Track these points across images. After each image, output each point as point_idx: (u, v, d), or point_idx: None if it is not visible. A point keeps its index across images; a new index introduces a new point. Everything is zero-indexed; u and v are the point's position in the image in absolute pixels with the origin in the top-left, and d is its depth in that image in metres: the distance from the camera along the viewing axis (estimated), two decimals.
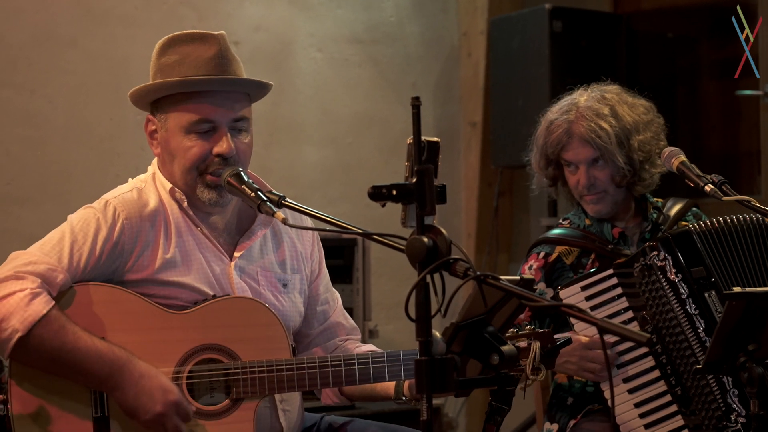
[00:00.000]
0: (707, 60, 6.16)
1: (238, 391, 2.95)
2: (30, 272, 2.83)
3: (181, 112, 3.00)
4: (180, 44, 3.03)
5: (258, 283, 3.10)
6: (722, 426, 3.30)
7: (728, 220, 3.42)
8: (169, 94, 3.01)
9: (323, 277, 3.27)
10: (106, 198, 3.01)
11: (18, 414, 2.86)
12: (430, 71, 6.18)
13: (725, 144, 6.09)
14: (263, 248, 3.14)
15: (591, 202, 3.59)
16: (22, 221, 4.93)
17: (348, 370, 2.99)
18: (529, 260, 3.63)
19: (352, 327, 3.30)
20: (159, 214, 3.02)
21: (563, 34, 5.54)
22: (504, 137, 5.79)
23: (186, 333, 2.95)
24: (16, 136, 4.99)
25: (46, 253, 2.89)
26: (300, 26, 5.74)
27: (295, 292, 3.17)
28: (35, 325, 2.79)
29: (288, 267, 3.17)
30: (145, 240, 2.98)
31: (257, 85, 3.09)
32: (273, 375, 2.95)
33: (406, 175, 2.32)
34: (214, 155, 2.99)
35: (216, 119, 2.99)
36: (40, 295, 2.82)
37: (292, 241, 3.20)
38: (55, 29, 5.08)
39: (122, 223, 2.96)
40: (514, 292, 2.29)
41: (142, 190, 3.05)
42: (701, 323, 3.33)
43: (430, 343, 2.24)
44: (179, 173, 3.02)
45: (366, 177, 5.78)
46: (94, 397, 2.88)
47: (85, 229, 2.94)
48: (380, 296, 5.62)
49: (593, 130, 3.52)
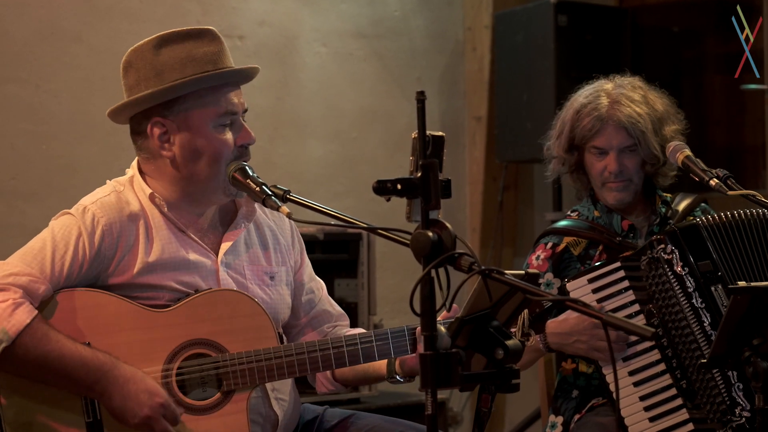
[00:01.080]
0: (712, 54, 6.16)
1: (229, 383, 2.95)
2: (11, 284, 2.84)
3: (206, 107, 2.98)
4: (175, 41, 3.00)
5: (245, 277, 3.10)
6: (726, 420, 3.30)
7: (735, 215, 3.42)
8: (189, 92, 2.98)
9: (306, 266, 3.27)
10: (84, 203, 3.00)
11: (11, 427, 2.86)
12: (435, 66, 6.18)
13: (730, 138, 6.09)
14: (248, 242, 3.14)
15: (615, 190, 3.56)
16: (27, 216, 4.93)
17: (336, 352, 2.99)
18: (536, 251, 3.62)
19: (340, 313, 3.30)
20: (138, 219, 3.01)
21: (568, 29, 5.54)
22: (509, 131, 5.79)
23: (171, 330, 2.95)
24: (21, 130, 4.99)
25: (28, 263, 2.88)
26: (304, 21, 5.74)
27: (282, 284, 3.17)
28: (20, 335, 2.80)
29: (273, 259, 3.17)
30: (125, 244, 2.97)
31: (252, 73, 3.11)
32: (262, 364, 2.96)
33: (411, 170, 2.32)
34: (239, 146, 3.01)
35: (237, 110, 3.02)
36: (22, 305, 2.82)
37: (274, 234, 3.20)
38: (59, 24, 5.08)
39: (102, 229, 2.95)
40: (518, 287, 2.29)
41: (121, 193, 3.04)
42: (707, 317, 3.33)
43: (435, 337, 2.24)
44: (206, 171, 3.00)
45: (371, 171, 5.78)
46: (86, 402, 2.89)
47: (66, 237, 2.93)
48: (385, 290, 5.62)
49: (631, 116, 3.49)
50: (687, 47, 6.21)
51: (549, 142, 3.71)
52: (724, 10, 5.75)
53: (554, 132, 3.66)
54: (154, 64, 2.98)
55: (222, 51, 3.03)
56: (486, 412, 3.08)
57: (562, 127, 3.61)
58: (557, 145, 3.63)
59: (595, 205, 3.64)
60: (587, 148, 3.56)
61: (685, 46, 6.22)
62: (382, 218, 5.13)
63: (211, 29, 3.04)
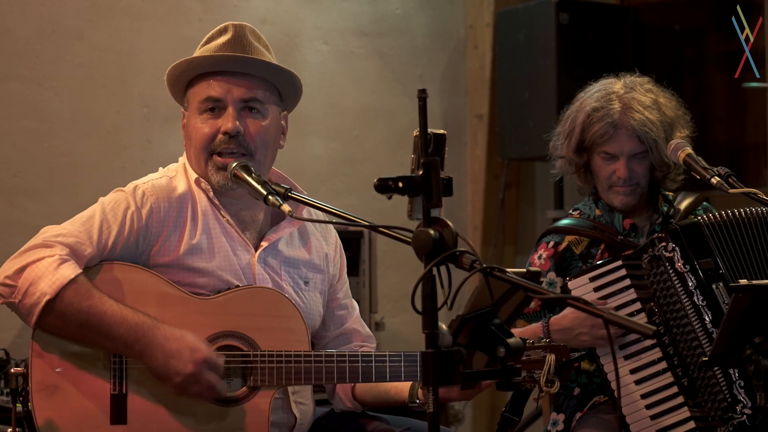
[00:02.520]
0: (714, 52, 6.15)
1: (255, 379, 2.96)
2: (59, 242, 2.89)
3: (194, 94, 3.08)
4: (209, 40, 3.12)
5: (280, 277, 3.12)
6: (728, 417, 3.30)
7: (736, 213, 3.42)
8: (189, 80, 3.09)
9: (344, 282, 3.31)
10: (136, 183, 3.07)
11: (37, 387, 2.88)
12: (437, 64, 6.18)
13: (732, 136, 6.09)
14: (289, 244, 3.17)
15: (622, 194, 3.56)
16: (29, 213, 4.93)
17: (365, 366, 3.00)
18: (538, 249, 3.62)
19: (368, 335, 3.31)
20: (186, 201, 3.06)
21: (570, 27, 5.53)
22: (510, 129, 5.79)
23: (207, 318, 2.97)
24: (23, 128, 4.99)
25: (76, 228, 2.94)
26: (306, 19, 5.74)
27: (316, 291, 3.19)
28: (63, 288, 2.83)
29: (311, 266, 3.19)
30: (172, 225, 3.02)
31: (266, 67, 3.10)
32: (291, 366, 2.96)
33: (413, 168, 2.32)
34: (221, 133, 3.04)
35: (222, 97, 3.04)
36: (68, 261, 2.86)
37: (319, 242, 3.24)
38: (61, 22, 5.08)
39: (150, 206, 3.01)
40: (520, 285, 2.29)
41: (172, 178, 3.11)
42: (708, 315, 3.33)
43: (437, 335, 2.24)
44: (194, 157, 3.09)
45: (372, 169, 5.78)
46: (114, 375, 2.91)
47: (115, 209, 2.99)
48: (386, 288, 5.62)
49: (644, 123, 3.48)
50: (688, 45, 6.21)
51: (555, 140, 3.69)
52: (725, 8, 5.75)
53: (562, 131, 3.64)
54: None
55: (231, 42, 3.07)
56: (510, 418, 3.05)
57: (572, 129, 3.59)
58: (566, 146, 3.61)
59: (597, 204, 3.64)
60: (597, 152, 3.55)
61: (687, 44, 6.21)
62: (383, 216, 5.13)
63: (236, 24, 3.12)
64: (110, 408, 2.90)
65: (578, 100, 3.62)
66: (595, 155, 3.56)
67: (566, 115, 3.65)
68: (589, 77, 3.71)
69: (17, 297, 2.85)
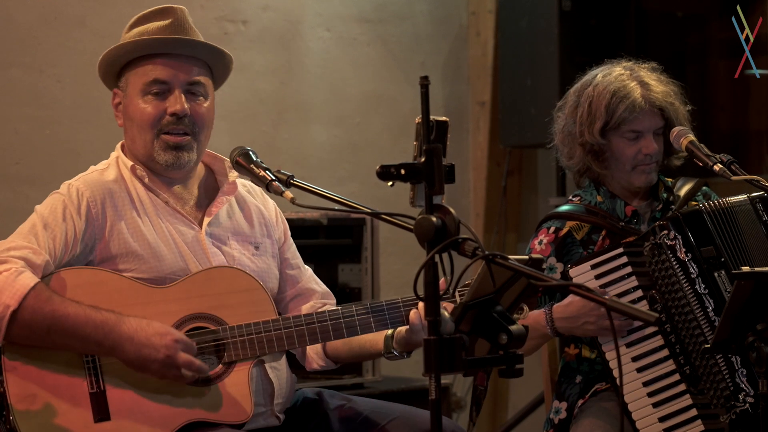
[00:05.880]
0: (716, 39, 6.13)
1: (230, 355, 2.99)
2: (11, 256, 2.91)
3: (138, 75, 3.11)
4: (144, 21, 3.15)
5: (231, 246, 3.14)
6: (730, 405, 3.30)
7: (738, 200, 3.41)
8: (128, 61, 3.13)
9: (290, 244, 3.33)
10: (69, 182, 3.11)
11: (16, 399, 2.89)
12: (439, 51, 6.17)
13: (734, 123, 6.07)
14: (230, 214, 3.20)
15: (647, 171, 3.54)
16: (31, 200, 4.88)
17: (334, 323, 3.03)
18: (539, 235, 3.60)
19: (326, 291, 3.33)
20: (122, 189, 3.09)
21: (572, 13, 5.52)
22: (513, 117, 5.78)
23: (171, 305, 3.00)
24: (25, 115, 4.99)
25: (24, 239, 2.96)
26: (308, 5, 5.73)
27: (268, 255, 3.22)
28: (25, 297, 2.85)
29: (257, 231, 3.22)
30: (113, 215, 3.05)
31: (210, 50, 3.16)
32: (261, 336, 3.00)
33: (415, 155, 2.32)
34: (168, 114, 3.08)
35: (169, 80, 3.09)
36: (24, 272, 2.88)
37: (258, 208, 3.27)
38: (63, 9, 5.08)
39: (87, 201, 3.04)
40: (522, 272, 2.29)
41: (103, 170, 3.15)
42: (710, 302, 3.33)
43: (439, 322, 2.24)
44: (138, 137, 3.11)
45: (374, 156, 5.77)
46: (89, 374, 2.92)
47: (54, 213, 3.02)
48: (389, 276, 5.62)
49: (667, 95, 3.51)
50: (691, 32, 6.19)
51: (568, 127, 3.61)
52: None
53: (580, 120, 3.55)
54: (122, 39, 3.16)
55: (172, 26, 3.11)
56: (483, 390, 3.09)
57: (594, 113, 3.52)
58: (588, 133, 3.52)
59: (598, 190, 3.62)
60: (621, 133, 3.52)
61: (690, 31, 6.19)
62: (385, 203, 5.12)
63: (174, 7, 3.17)
64: (92, 407, 2.92)
65: (588, 86, 3.55)
66: (617, 137, 3.53)
67: (578, 103, 3.55)
68: (592, 64, 3.69)
69: None
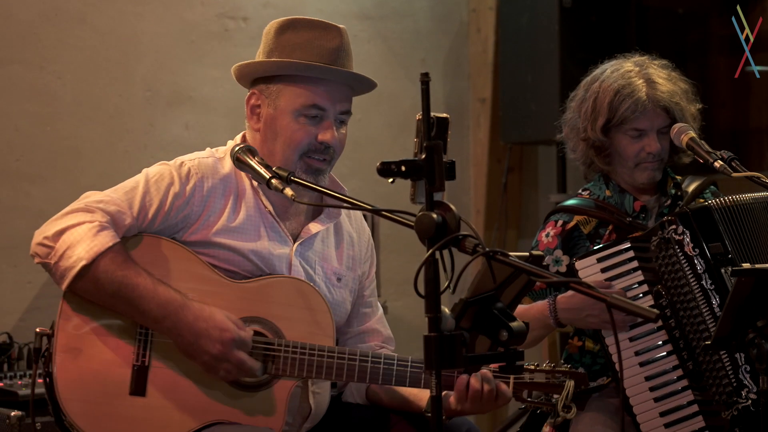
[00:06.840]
0: (717, 36, 6.13)
1: (276, 368, 2.97)
2: (100, 209, 2.90)
3: (296, 94, 3.07)
4: (301, 28, 3.10)
5: (315, 271, 3.13)
6: (732, 401, 3.30)
7: (746, 197, 3.42)
8: (288, 74, 3.07)
9: (372, 281, 3.32)
10: (183, 159, 3.08)
11: (61, 348, 2.90)
12: (439, 47, 6.17)
13: (735, 120, 6.07)
14: (325, 240, 3.18)
15: (650, 169, 3.54)
16: (32, 198, 4.93)
17: (386, 368, 3.00)
18: (546, 227, 3.60)
19: (389, 336, 3.31)
20: (231, 183, 3.07)
21: (573, 10, 5.52)
22: (513, 113, 5.78)
23: (236, 302, 2.98)
24: (25, 112, 4.99)
25: (119, 196, 2.95)
26: (308, 2, 5.72)
27: (347, 289, 3.21)
28: (100, 256, 2.85)
29: (345, 263, 3.21)
30: (213, 204, 3.03)
31: (369, 84, 3.19)
32: (314, 359, 2.96)
33: (416, 152, 2.32)
34: (318, 141, 3.07)
35: (327, 108, 3.08)
36: (107, 229, 2.88)
37: (352, 240, 3.25)
38: (63, 5, 5.08)
39: (194, 183, 3.02)
40: (523, 268, 2.29)
41: (220, 159, 3.11)
42: (716, 299, 3.32)
43: (439, 319, 2.24)
44: (281, 152, 3.07)
45: (375, 153, 5.77)
46: (139, 345, 2.92)
47: (158, 182, 3.00)
48: (389, 272, 5.62)
49: (672, 94, 3.50)
50: (692, 29, 6.19)
51: (573, 122, 3.62)
52: None
53: (585, 116, 3.57)
54: (272, 42, 3.10)
55: (339, 50, 3.12)
56: None
57: (597, 110, 3.54)
58: (590, 129, 3.55)
59: (607, 185, 3.62)
60: (624, 130, 3.52)
61: (690, 28, 6.19)
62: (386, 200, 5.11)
63: (339, 27, 3.17)
64: (131, 378, 2.92)
65: (596, 81, 3.56)
66: (621, 134, 3.53)
67: (584, 98, 3.57)
68: (593, 61, 3.70)
69: (53, 259, 2.87)
